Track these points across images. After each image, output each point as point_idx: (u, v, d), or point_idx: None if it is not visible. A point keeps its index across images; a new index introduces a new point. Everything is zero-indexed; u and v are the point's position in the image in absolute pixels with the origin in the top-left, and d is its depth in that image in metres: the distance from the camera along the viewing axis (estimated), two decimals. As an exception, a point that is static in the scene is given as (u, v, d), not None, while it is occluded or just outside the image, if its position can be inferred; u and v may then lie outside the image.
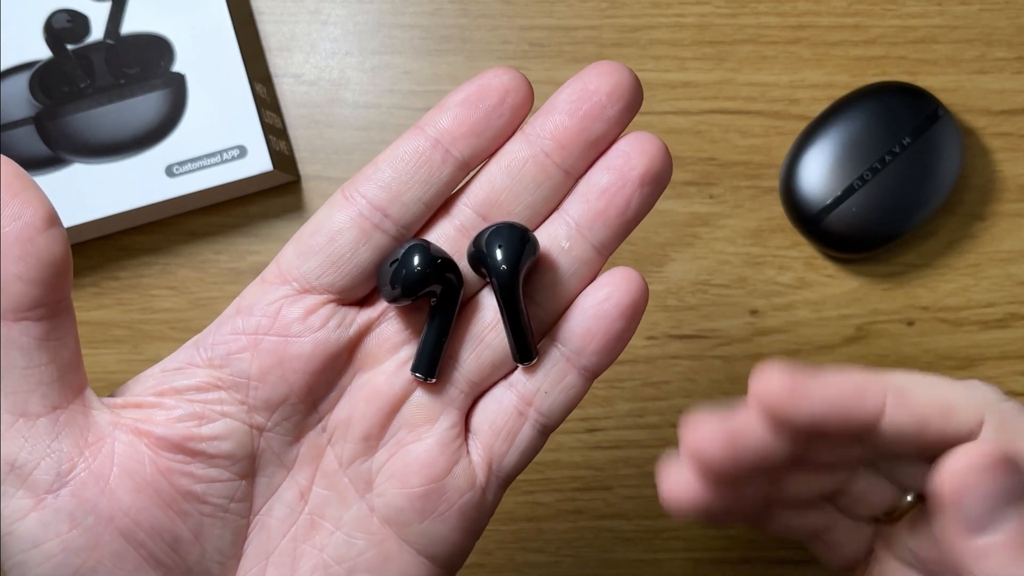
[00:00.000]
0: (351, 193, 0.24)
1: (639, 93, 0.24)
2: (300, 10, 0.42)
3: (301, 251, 0.24)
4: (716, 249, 0.40)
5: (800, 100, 0.41)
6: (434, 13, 0.41)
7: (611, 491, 0.40)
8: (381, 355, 0.24)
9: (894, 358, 0.40)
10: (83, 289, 0.40)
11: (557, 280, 0.24)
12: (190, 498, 0.23)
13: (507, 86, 0.24)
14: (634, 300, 0.24)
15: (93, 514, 0.21)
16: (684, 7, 0.41)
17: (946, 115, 0.39)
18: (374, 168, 0.24)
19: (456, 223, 0.25)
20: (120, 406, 0.23)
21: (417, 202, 0.24)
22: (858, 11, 0.41)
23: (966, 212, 0.40)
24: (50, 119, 0.38)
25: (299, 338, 0.23)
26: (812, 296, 0.40)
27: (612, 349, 0.24)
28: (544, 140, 0.24)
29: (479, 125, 0.24)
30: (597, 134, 0.24)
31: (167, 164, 0.38)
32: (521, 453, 0.25)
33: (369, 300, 0.25)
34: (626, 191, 0.24)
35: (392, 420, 0.24)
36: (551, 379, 0.24)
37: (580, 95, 0.24)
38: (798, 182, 0.39)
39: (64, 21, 0.39)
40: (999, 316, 0.40)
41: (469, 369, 0.24)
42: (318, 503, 0.24)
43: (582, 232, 0.24)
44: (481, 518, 0.25)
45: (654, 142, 0.24)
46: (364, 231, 0.24)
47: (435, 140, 0.24)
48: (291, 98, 0.41)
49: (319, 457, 0.24)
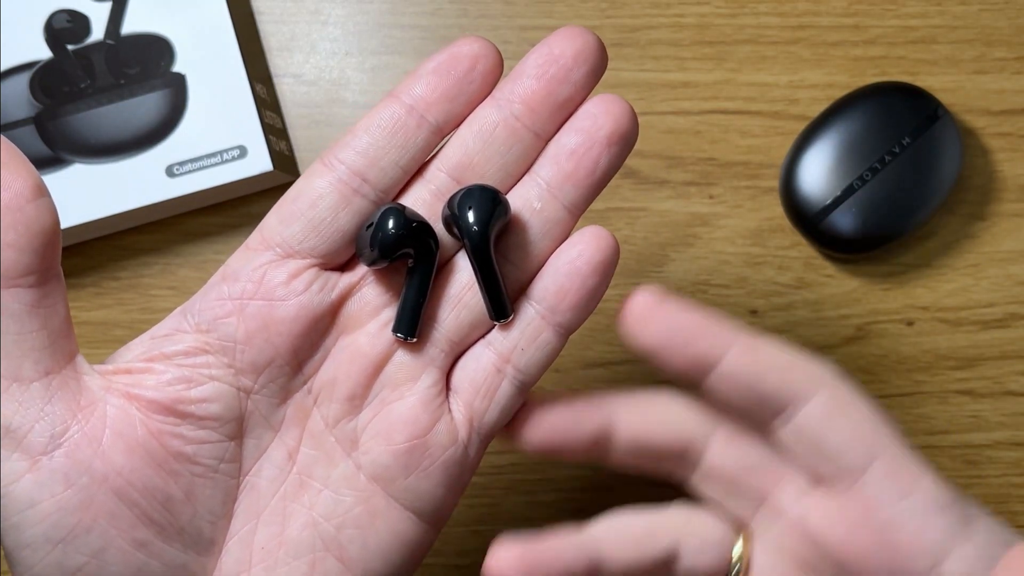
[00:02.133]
0: (330, 160, 0.24)
1: (603, 56, 0.25)
2: (300, 10, 0.42)
3: (283, 217, 0.24)
4: (716, 249, 0.40)
5: (800, 100, 0.41)
6: (434, 13, 0.41)
7: (611, 491, 0.40)
8: (363, 318, 0.25)
9: (894, 358, 0.40)
10: (83, 289, 0.40)
11: (530, 240, 0.25)
12: (181, 459, 0.23)
13: (477, 53, 0.25)
14: (605, 257, 0.25)
15: (87, 474, 0.22)
16: (684, 7, 0.41)
17: (946, 115, 0.39)
18: (352, 135, 0.25)
19: (431, 187, 0.25)
20: (111, 372, 0.24)
21: (394, 167, 0.25)
22: (858, 11, 0.41)
23: (966, 212, 0.40)
24: (50, 119, 0.38)
25: (283, 301, 0.24)
26: (812, 296, 0.40)
27: (585, 305, 0.25)
28: (514, 104, 0.25)
29: (451, 91, 0.25)
30: (564, 96, 0.25)
31: (167, 164, 0.38)
32: (501, 409, 0.26)
33: (350, 264, 0.25)
34: (594, 152, 0.25)
35: (375, 380, 0.25)
36: (527, 336, 0.25)
37: (547, 59, 0.25)
38: (798, 182, 0.39)
39: (64, 21, 0.39)
40: (999, 316, 0.40)
41: (448, 329, 0.25)
42: (306, 463, 0.25)
43: (553, 193, 0.25)
44: (463, 473, 0.26)
45: (619, 103, 0.25)
46: (344, 196, 0.24)
47: (410, 107, 0.24)
48: (291, 98, 0.41)
49: (306, 418, 0.25)
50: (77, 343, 0.24)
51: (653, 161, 0.40)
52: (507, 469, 0.39)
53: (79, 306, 0.40)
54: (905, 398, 0.40)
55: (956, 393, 0.40)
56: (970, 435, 0.39)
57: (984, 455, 0.39)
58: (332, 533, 0.25)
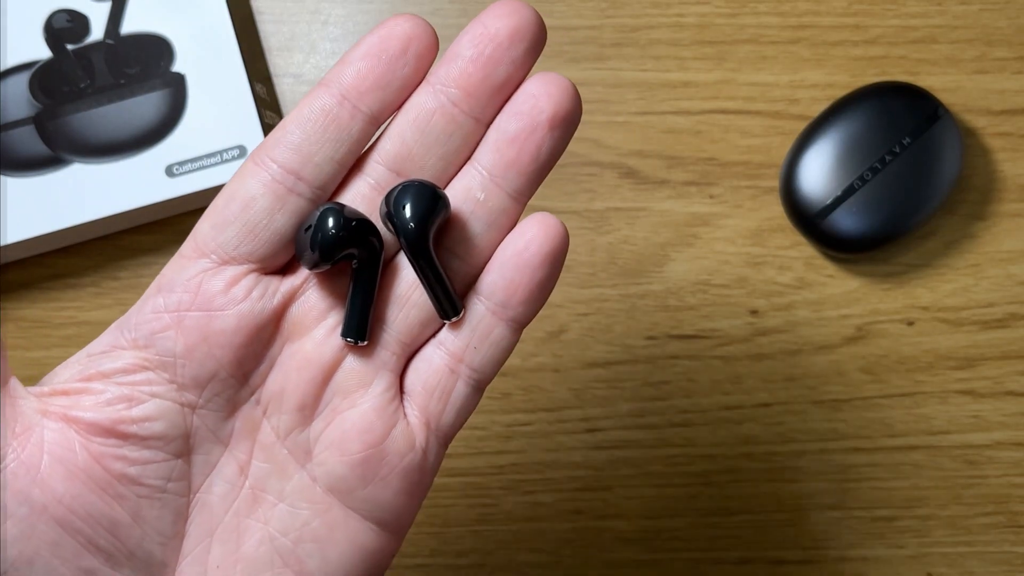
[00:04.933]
0: (261, 159, 0.23)
1: (542, 31, 0.24)
2: (300, 10, 0.42)
3: (216, 222, 0.23)
4: (716, 249, 0.40)
5: (800, 100, 0.41)
6: (434, 13, 0.41)
7: (611, 491, 0.40)
8: (308, 323, 0.24)
9: (894, 358, 0.40)
10: (83, 289, 0.40)
11: (475, 232, 0.24)
12: (125, 481, 0.22)
13: (409, 34, 0.23)
14: (554, 246, 0.24)
15: (26, 504, 0.21)
16: (684, 7, 0.41)
17: (946, 115, 0.39)
18: (282, 131, 0.23)
19: (370, 181, 0.24)
20: (47, 394, 0.23)
21: (329, 161, 0.23)
22: (858, 11, 0.41)
23: (966, 212, 0.40)
24: (50, 119, 0.38)
25: (222, 311, 0.23)
26: (812, 296, 0.40)
27: (537, 298, 0.24)
28: (450, 89, 0.23)
29: (384, 77, 0.23)
30: (502, 78, 0.23)
31: (167, 164, 0.38)
32: (457, 411, 0.24)
33: (291, 268, 0.24)
34: (536, 136, 0.23)
35: (325, 388, 0.24)
36: (479, 334, 0.24)
37: (481, 38, 0.23)
38: (798, 182, 0.39)
39: (64, 21, 0.39)
40: (999, 316, 0.40)
41: (398, 330, 0.24)
42: (259, 476, 0.24)
43: (496, 182, 0.24)
44: (424, 479, 0.25)
45: (560, 82, 0.24)
46: (278, 196, 0.23)
47: (341, 96, 0.23)
48: (291, 98, 0.41)
49: (255, 430, 0.24)
50: (10, 367, 0.23)
51: (653, 161, 0.40)
52: (507, 469, 0.39)
53: (79, 306, 0.40)
54: (905, 398, 0.39)
55: (957, 393, 0.40)
56: (970, 435, 0.39)
57: (984, 455, 0.39)
58: (290, 548, 0.24)
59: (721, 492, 0.39)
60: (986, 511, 0.39)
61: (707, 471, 0.39)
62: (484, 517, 0.39)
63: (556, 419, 0.40)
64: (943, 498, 0.39)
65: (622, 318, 0.40)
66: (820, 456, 0.39)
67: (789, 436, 0.40)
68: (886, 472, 0.39)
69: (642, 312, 0.40)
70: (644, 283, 0.40)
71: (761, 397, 0.40)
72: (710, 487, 0.39)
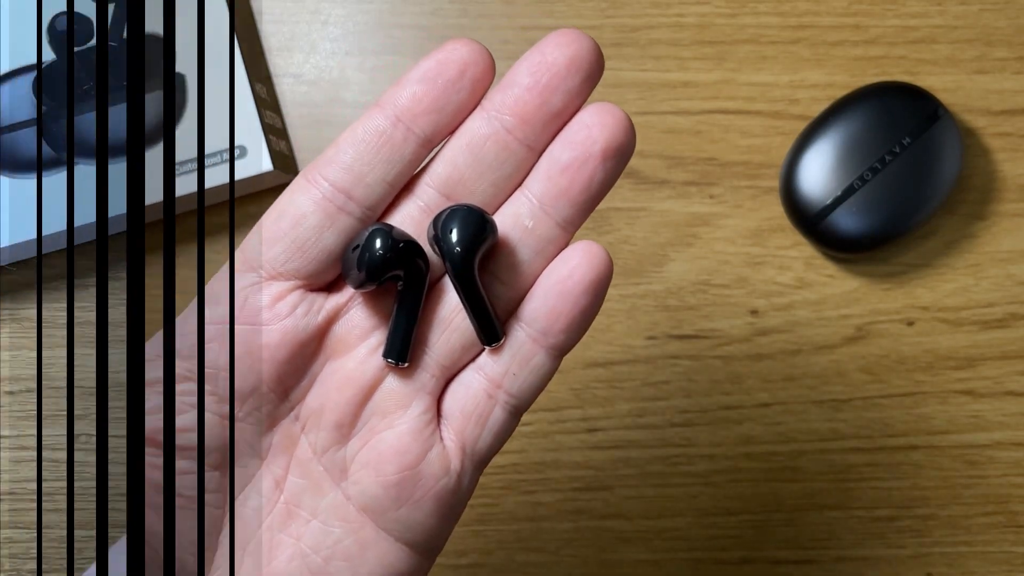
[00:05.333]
0: (314, 176, 0.23)
1: (600, 62, 0.23)
2: (300, 10, 0.42)
3: (266, 237, 0.23)
4: (716, 249, 0.40)
5: (800, 100, 0.41)
6: (434, 13, 0.41)
7: (611, 491, 0.40)
8: (351, 341, 0.24)
9: (894, 358, 0.40)
10: (84, 289, 0.40)
11: (522, 260, 0.24)
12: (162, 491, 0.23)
13: (466, 59, 0.23)
14: (598, 275, 0.24)
15: None
16: (684, 7, 0.41)
17: (946, 115, 0.39)
18: (335, 150, 0.23)
19: (420, 204, 0.24)
20: None
21: (381, 182, 0.23)
22: (858, 11, 0.41)
23: (966, 212, 0.40)
24: (53, 120, 0.38)
25: (267, 326, 0.23)
26: (812, 296, 0.40)
27: (579, 326, 0.24)
28: (504, 116, 0.23)
29: (439, 101, 0.23)
30: (558, 107, 0.23)
31: (168, 164, 0.38)
32: (494, 436, 0.24)
33: (337, 285, 0.24)
34: (588, 167, 0.23)
35: (364, 407, 0.24)
36: (519, 360, 0.24)
37: (539, 67, 0.23)
38: (798, 182, 0.39)
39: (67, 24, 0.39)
40: (999, 316, 0.40)
41: (439, 353, 0.24)
42: (294, 492, 0.24)
43: (545, 210, 0.24)
44: (458, 503, 0.25)
45: (615, 113, 0.23)
46: (328, 214, 0.23)
47: (395, 118, 0.23)
48: (291, 98, 0.41)
49: (293, 446, 0.24)
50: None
51: (653, 161, 0.40)
52: (507, 469, 0.39)
53: (79, 306, 0.40)
54: (905, 398, 0.39)
55: (957, 393, 0.40)
56: (971, 435, 0.39)
57: (985, 455, 0.39)
58: (320, 565, 0.24)
59: (721, 492, 0.39)
60: (986, 511, 0.39)
61: (707, 471, 0.39)
62: (484, 517, 0.39)
63: (556, 419, 0.40)
64: (943, 498, 0.39)
65: (622, 318, 0.40)
66: (820, 456, 0.39)
67: (789, 436, 0.40)
68: (886, 472, 0.39)
69: (642, 312, 0.40)
70: (644, 283, 0.40)
71: (761, 397, 0.40)
72: (710, 487, 0.39)
